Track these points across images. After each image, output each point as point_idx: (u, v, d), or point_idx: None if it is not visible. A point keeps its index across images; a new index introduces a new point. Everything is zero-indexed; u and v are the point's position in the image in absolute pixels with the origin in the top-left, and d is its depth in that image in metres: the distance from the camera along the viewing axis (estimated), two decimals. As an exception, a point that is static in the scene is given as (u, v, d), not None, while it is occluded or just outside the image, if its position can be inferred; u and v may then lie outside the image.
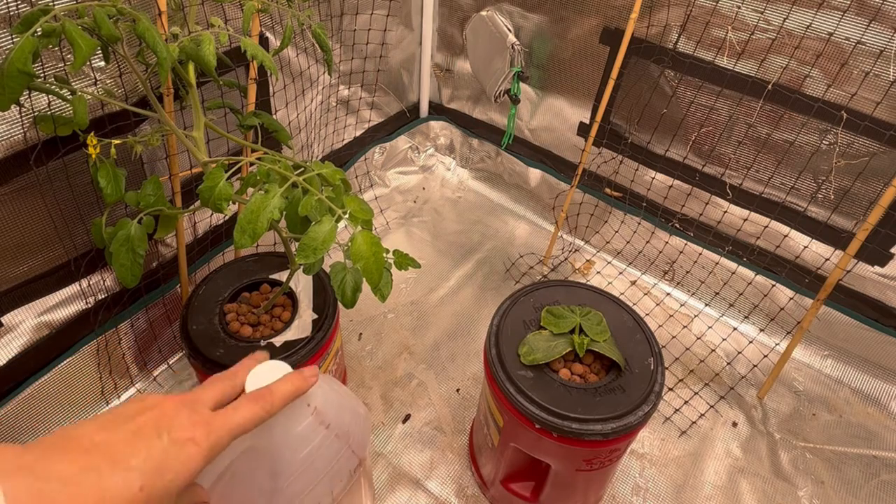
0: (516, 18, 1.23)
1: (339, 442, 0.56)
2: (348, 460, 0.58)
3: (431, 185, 1.53)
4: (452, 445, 0.95)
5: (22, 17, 0.47)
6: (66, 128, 0.63)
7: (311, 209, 0.54)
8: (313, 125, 1.21)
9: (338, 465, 0.57)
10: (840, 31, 0.85)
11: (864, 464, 0.96)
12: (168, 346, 1.02)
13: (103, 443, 0.37)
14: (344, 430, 0.57)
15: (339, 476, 0.58)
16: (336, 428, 0.55)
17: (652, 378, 0.70)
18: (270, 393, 0.45)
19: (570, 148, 1.29)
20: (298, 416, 0.51)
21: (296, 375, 0.48)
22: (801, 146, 0.97)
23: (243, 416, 0.43)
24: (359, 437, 0.60)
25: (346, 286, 0.61)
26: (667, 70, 1.04)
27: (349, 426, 0.58)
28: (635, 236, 1.26)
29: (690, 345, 1.14)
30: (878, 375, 1.07)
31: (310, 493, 0.54)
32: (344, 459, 0.57)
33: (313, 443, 0.52)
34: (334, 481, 0.57)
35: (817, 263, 1.04)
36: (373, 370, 1.06)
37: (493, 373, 0.71)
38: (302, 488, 0.53)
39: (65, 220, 0.77)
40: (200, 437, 0.39)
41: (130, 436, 0.37)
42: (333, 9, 1.14)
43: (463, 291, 1.23)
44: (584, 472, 0.72)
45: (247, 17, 0.64)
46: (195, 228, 1.01)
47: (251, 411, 0.43)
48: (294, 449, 0.51)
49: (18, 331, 0.78)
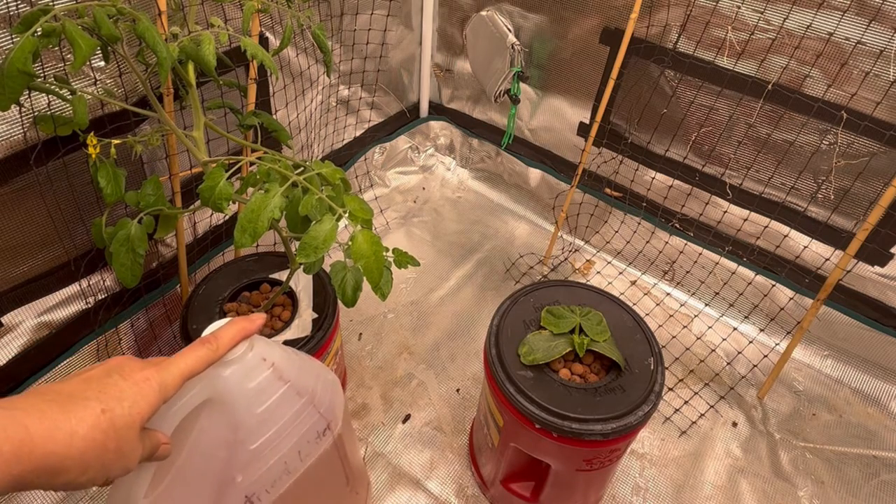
0: (516, 18, 1.23)
1: (300, 399, 0.57)
2: (315, 421, 0.59)
3: (431, 185, 1.53)
4: (452, 445, 0.95)
5: (22, 17, 0.47)
6: (66, 128, 0.63)
7: (312, 208, 0.54)
8: (313, 125, 1.21)
9: (301, 423, 0.57)
10: (840, 31, 0.85)
11: (864, 464, 0.96)
12: (168, 346, 1.02)
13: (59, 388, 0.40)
14: (307, 388, 0.57)
15: (307, 437, 0.58)
16: (297, 386, 0.56)
17: (652, 378, 0.70)
18: (215, 336, 0.48)
19: (570, 148, 1.29)
20: (254, 369, 0.52)
21: (241, 318, 0.51)
22: (801, 146, 0.97)
23: (190, 356, 0.46)
24: (326, 400, 0.60)
25: (347, 285, 0.61)
26: (667, 70, 1.04)
27: (313, 387, 0.59)
28: (635, 236, 1.26)
29: (690, 345, 1.14)
30: (878, 375, 1.07)
31: (274, 449, 0.55)
32: (309, 419, 0.58)
33: (273, 397, 0.54)
34: (301, 442, 0.58)
35: (817, 263, 1.04)
36: (373, 370, 1.06)
37: (493, 373, 0.71)
38: (265, 443, 0.54)
39: (65, 220, 0.77)
40: (151, 374, 0.42)
41: (83, 380, 0.41)
42: (333, 9, 1.14)
43: (463, 291, 1.23)
44: (584, 472, 0.72)
45: (247, 17, 0.64)
46: (195, 228, 1.01)
47: (197, 353, 0.46)
48: (252, 401, 0.52)
49: (18, 331, 0.78)
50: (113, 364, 0.43)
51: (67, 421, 0.37)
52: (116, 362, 0.43)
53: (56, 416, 0.37)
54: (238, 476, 0.53)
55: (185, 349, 0.46)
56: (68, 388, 0.40)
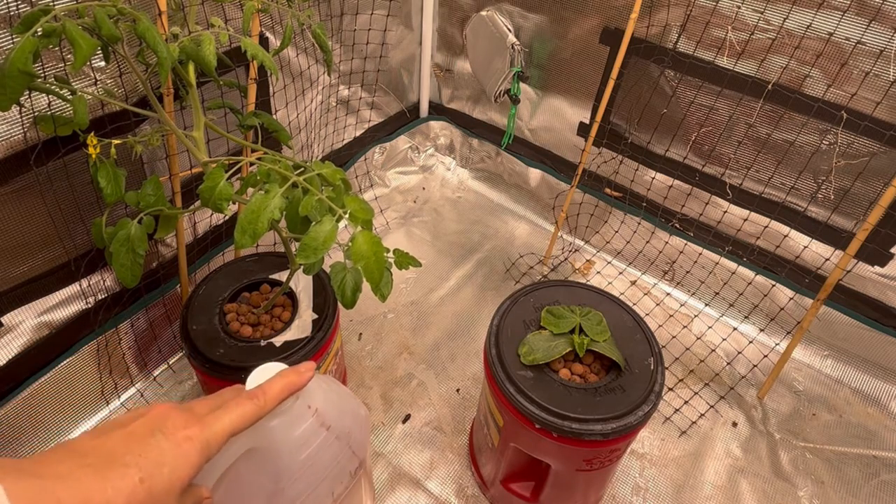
0: (516, 18, 1.23)
1: (339, 443, 0.56)
2: (349, 461, 0.58)
3: (431, 185, 1.53)
4: (452, 445, 0.95)
5: (22, 18, 0.47)
6: (67, 128, 0.63)
7: (312, 209, 0.54)
8: (313, 125, 1.21)
9: (338, 466, 0.57)
10: (840, 31, 0.85)
11: (864, 464, 0.96)
12: (168, 346, 1.02)
13: (99, 445, 0.37)
14: (345, 431, 0.56)
15: (340, 478, 0.58)
16: (337, 430, 0.55)
17: (652, 378, 0.70)
18: (263, 391, 0.46)
19: (570, 148, 1.29)
20: (299, 417, 0.51)
21: (290, 371, 0.48)
22: (800, 146, 0.97)
23: (236, 413, 0.43)
24: (359, 439, 0.59)
25: (346, 286, 0.61)
26: (667, 70, 1.04)
27: (350, 428, 0.58)
28: (635, 236, 1.26)
29: (690, 345, 1.14)
30: (878, 375, 1.07)
31: (311, 494, 0.54)
32: (345, 461, 0.57)
33: (314, 444, 0.52)
34: (335, 483, 0.57)
35: (817, 263, 1.04)
36: (373, 370, 1.06)
37: (493, 373, 0.71)
38: (303, 489, 0.53)
39: (65, 220, 0.77)
40: (195, 434, 0.40)
41: (125, 437, 0.38)
42: (333, 9, 1.14)
43: (463, 291, 1.23)
44: (584, 472, 0.72)
45: (247, 17, 0.64)
46: (195, 228, 1.01)
47: (244, 409, 0.44)
48: (295, 450, 0.51)
49: (18, 331, 0.78)
50: (156, 417, 0.40)
51: (104, 492, 0.35)
52: (160, 415, 0.41)
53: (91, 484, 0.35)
54: None
55: (231, 402, 0.44)
56: (107, 447, 0.37)
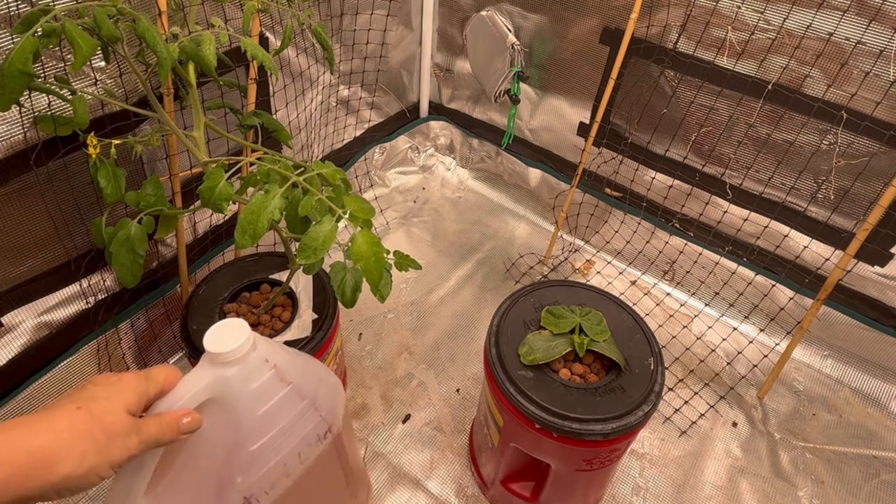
0: (516, 18, 1.23)
1: (302, 402, 0.57)
2: (316, 424, 0.59)
3: (431, 185, 1.53)
4: (452, 445, 0.95)
5: (22, 17, 0.47)
6: (67, 128, 0.63)
7: (312, 209, 0.54)
8: (313, 125, 1.21)
9: (302, 425, 0.58)
10: (840, 31, 0.85)
11: (864, 464, 0.96)
12: (168, 346, 1.02)
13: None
14: (308, 390, 0.58)
15: (307, 439, 0.59)
16: (300, 388, 0.56)
17: (652, 378, 0.70)
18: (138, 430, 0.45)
19: (570, 148, 1.29)
20: (256, 370, 0.52)
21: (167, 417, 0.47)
22: (801, 146, 0.97)
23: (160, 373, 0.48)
24: (328, 404, 0.60)
25: (346, 286, 0.61)
26: (667, 70, 1.04)
27: (316, 389, 0.59)
28: (635, 236, 1.26)
29: (690, 345, 1.14)
30: (878, 375, 1.07)
31: (274, 451, 0.55)
32: (310, 421, 0.58)
33: (274, 399, 0.54)
34: (302, 444, 0.58)
35: (817, 263, 1.04)
36: (373, 370, 1.06)
37: (493, 373, 0.71)
38: (266, 445, 0.54)
39: (65, 220, 0.77)
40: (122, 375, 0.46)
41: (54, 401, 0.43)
42: (333, 9, 1.14)
43: (463, 291, 1.23)
44: (584, 472, 0.72)
45: (247, 17, 0.64)
46: (195, 228, 1.01)
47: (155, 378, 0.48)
48: (253, 402, 0.53)
49: (18, 331, 0.78)
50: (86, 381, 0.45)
51: (43, 420, 0.40)
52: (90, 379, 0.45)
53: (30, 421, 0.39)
54: (237, 477, 0.53)
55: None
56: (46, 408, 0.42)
